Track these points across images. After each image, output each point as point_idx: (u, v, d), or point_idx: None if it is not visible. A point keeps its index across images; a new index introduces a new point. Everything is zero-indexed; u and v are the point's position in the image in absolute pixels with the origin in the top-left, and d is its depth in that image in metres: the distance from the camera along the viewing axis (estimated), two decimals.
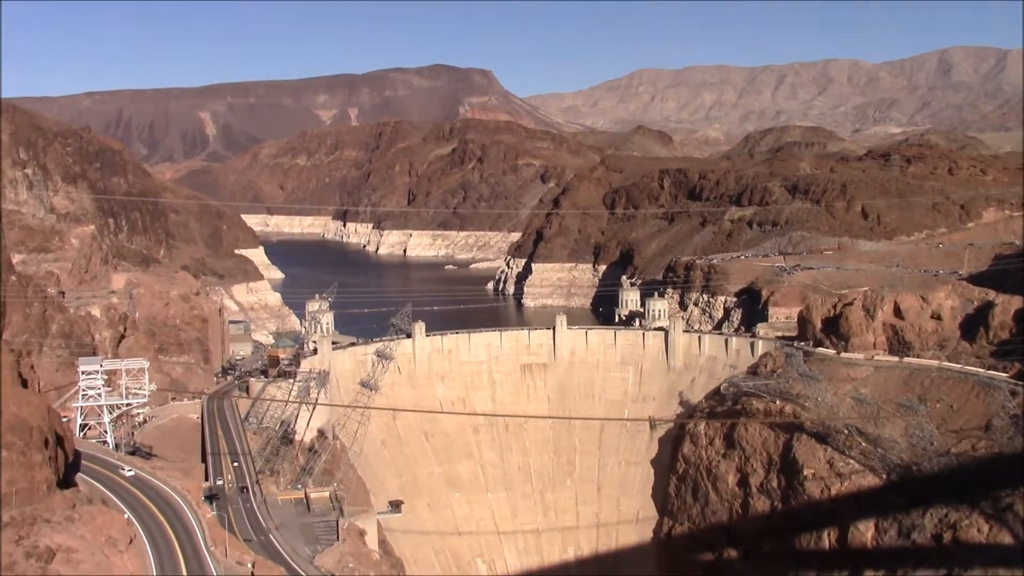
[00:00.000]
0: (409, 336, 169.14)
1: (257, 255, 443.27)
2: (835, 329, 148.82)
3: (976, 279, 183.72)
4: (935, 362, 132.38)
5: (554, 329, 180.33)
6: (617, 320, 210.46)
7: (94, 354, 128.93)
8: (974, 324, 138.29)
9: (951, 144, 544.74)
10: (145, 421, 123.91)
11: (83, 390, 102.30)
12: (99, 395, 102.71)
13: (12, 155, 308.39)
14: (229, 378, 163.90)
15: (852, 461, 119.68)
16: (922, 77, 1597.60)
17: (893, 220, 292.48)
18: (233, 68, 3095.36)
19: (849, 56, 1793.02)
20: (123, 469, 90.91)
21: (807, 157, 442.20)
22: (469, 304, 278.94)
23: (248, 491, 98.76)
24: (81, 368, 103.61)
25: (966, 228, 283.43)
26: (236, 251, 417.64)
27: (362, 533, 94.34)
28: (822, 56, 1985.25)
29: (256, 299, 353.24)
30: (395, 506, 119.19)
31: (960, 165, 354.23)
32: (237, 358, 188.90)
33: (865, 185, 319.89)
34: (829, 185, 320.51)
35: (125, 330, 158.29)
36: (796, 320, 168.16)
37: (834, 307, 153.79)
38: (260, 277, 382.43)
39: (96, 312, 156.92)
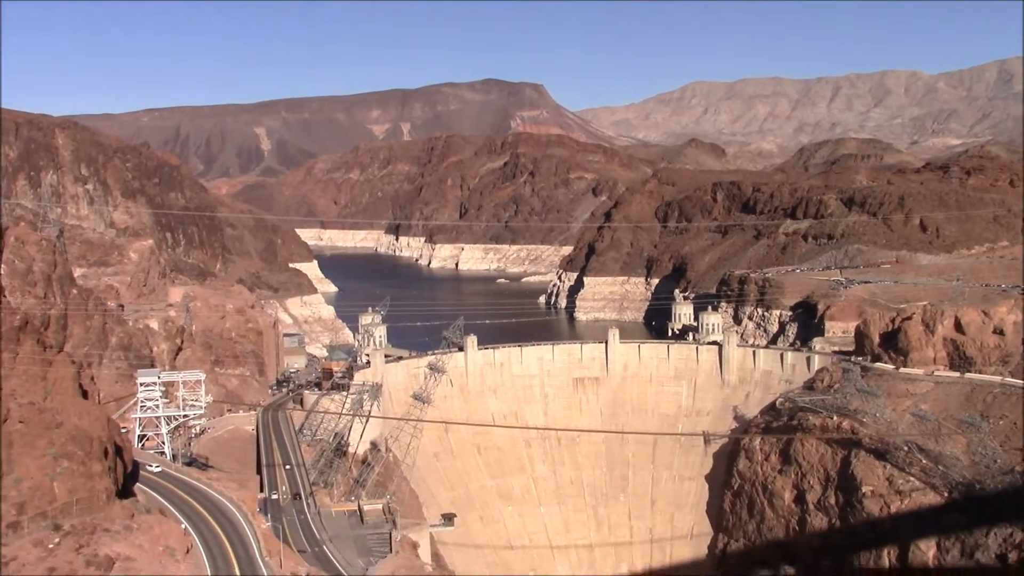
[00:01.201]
0: (461, 349, 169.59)
1: (311, 269, 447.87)
2: (894, 344, 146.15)
3: None
4: (998, 378, 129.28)
5: (606, 343, 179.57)
6: (670, 334, 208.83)
7: (152, 366, 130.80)
8: None
9: (1012, 156, 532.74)
10: (202, 432, 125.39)
11: (141, 401, 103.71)
12: (157, 406, 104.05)
13: (74, 171, 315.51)
14: (283, 390, 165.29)
15: (912, 478, 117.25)
16: (982, 88, 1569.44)
17: (953, 233, 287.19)
18: (288, 84, 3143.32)
19: (906, 67, 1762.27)
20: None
21: (863, 169, 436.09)
22: (521, 318, 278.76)
23: (302, 498, 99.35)
24: (139, 380, 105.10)
25: None
26: (290, 265, 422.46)
27: (415, 546, 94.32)
28: (878, 67, 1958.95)
29: (310, 312, 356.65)
30: (448, 519, 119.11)
31: (1022, 177, 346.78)
32: (291, 371, 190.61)
33: (923, 198, 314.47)
34: (886, 198, 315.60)
35: (182, 343, 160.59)
36: (853, 335, 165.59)
37: (892, 321, 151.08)
38: (314, 291, 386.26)
39: (154, 325, 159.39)
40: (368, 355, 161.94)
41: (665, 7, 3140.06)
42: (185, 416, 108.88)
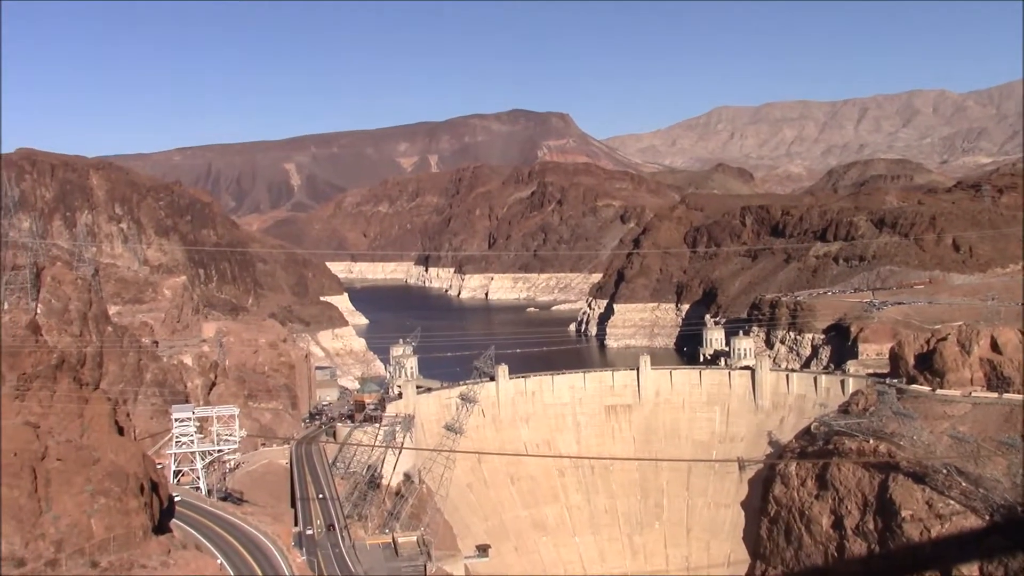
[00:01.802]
0: (492, 379, 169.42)
1: (342, 302, 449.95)
2: (929, 365, 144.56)
3: None
4: None
5: (638, 370, 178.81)
6: (702, 360, 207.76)
7: (186, 401, 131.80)
8: None
9: None
10: (236, 467, 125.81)
11: (176, 437, 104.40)
12: (192, 442, 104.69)
13: (108, 210, 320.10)
14: (316, 423, 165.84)
15: (952, 502, 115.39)
16: (1011, 105, 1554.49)
17: (986, 252, 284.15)
18: (317, 120, 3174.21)
19: (934, 86, 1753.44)
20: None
21: (893, 190, 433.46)
22: (551, 346, 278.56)
23: (336, 532, 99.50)
24: (174, 415, 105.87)
25: None
26: (321, 298, 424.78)
27: None
28: (906, 87, 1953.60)
29: (341, 345, 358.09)
30: (482, 550, 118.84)
31: None
32: (324, 403, 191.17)
33: (955, 217, 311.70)
34: (918, 218, 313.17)
35: (216, 377, 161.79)
36: (888, 357, 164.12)
37: (927, 342, 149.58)
38: (345, 323, 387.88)
39: (188, 360, 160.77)
40: (400, 387, 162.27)
41: (688, 33, 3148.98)
42: (219, 451, 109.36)
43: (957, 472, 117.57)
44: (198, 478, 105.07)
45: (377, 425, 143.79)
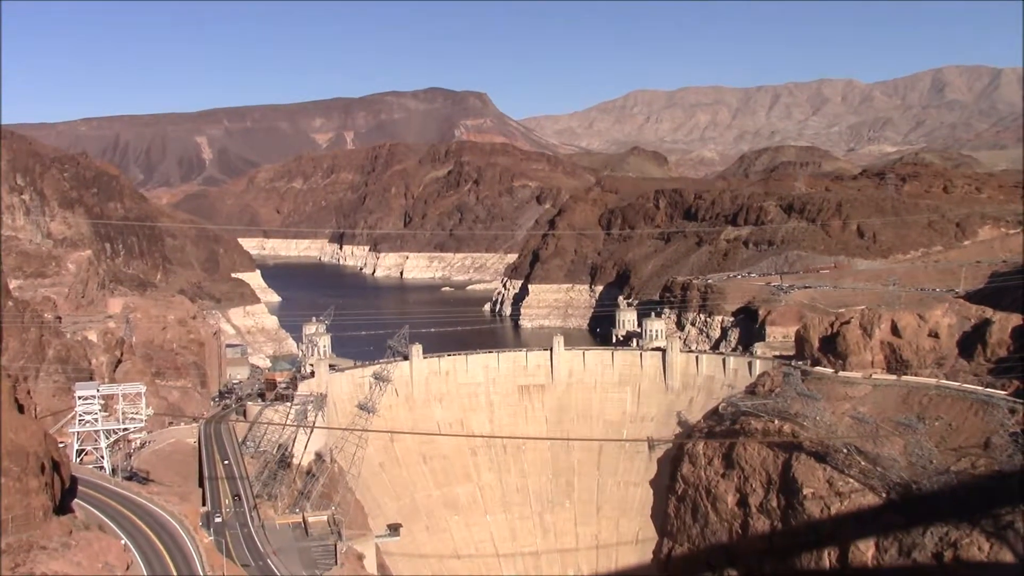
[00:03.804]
0: (406, 358, 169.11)
1: (254, 279, 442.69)
2: (833, 348, 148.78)
3: (973, 297, 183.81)
4: (933, 380, 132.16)
5: (551, 350, 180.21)
6: (614, 341, 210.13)
7: (91, 379, 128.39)
8: (972, 342, 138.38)
9: (946, 162, 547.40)
10: (142, 446, 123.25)
11: (80, 415, 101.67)
12: (96, 420, 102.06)
13: (9, 181, 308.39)
14: (226, 402, 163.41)
15: (852, 480, 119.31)
16: (916, 96, 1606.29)
17: (889, 238, 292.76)
18: (229, 93, 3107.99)
19: (843, 76, 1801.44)
20: None
21: (802, 176, 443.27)
22: (466, 326, 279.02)
23: (245, 511, 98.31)
24: (78, 393, 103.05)
25: (962, 246, 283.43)
26: (233, 275, 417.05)
27: (360, 557, 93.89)
28: (816, 76, 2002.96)
29: (253, 322, 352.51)
30: (393, 529, 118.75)
31: (955, 183, 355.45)
32: (234, 382, 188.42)
33: (860, 204, 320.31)
34: (824, 204, 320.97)
35: (122, 355, 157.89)
36: (794, 339, 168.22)
37: (831, 326, 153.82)
38: (257, 300, 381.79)
39: (93, 337, 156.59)
40: (312, 365, 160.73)
41: (606, 16, 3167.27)
42: (125, 429, 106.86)
43: (857, 451, 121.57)
44: (102, 457, 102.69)
45: (288, 404, 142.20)
